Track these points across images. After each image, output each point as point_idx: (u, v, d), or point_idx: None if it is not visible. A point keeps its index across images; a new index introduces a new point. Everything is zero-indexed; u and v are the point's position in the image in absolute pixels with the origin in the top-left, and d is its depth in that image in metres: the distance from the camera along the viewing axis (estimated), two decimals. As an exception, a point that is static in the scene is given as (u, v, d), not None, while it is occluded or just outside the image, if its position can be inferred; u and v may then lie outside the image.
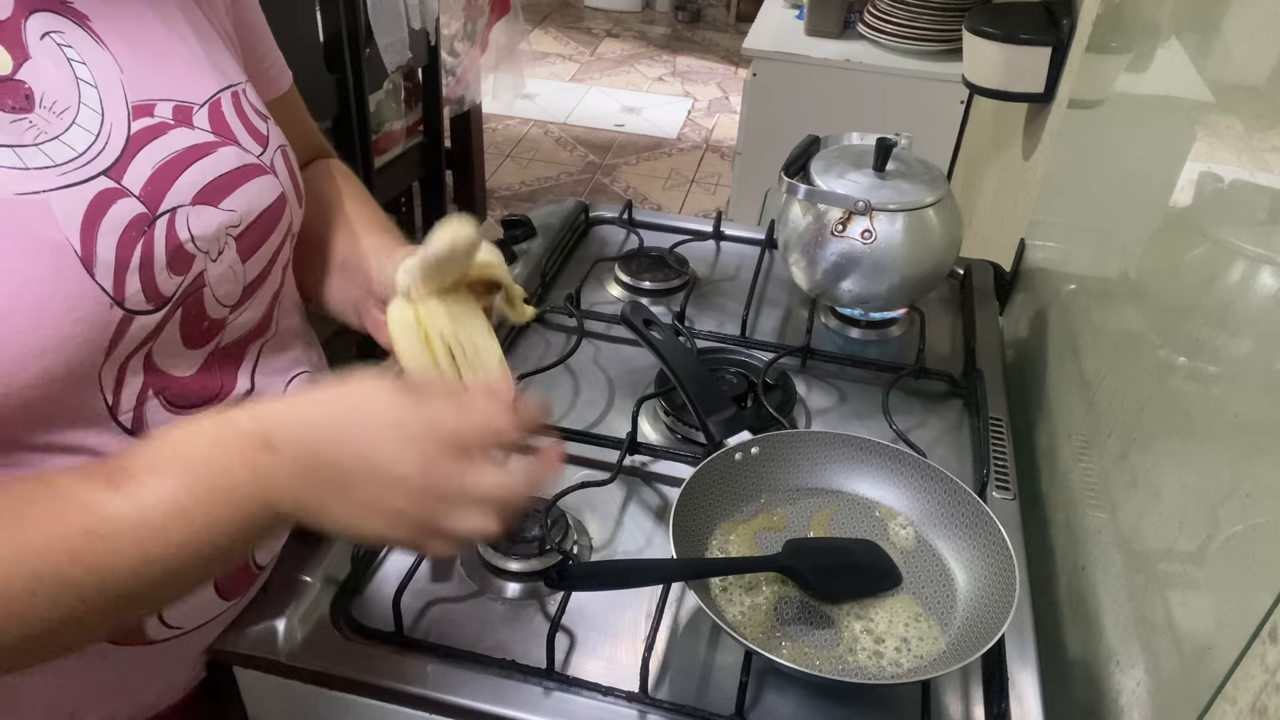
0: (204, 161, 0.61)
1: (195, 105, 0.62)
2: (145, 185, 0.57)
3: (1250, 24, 0.74)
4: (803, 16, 2.29)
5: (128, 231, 0.55)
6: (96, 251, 0.53)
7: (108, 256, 0.54)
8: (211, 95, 0.64)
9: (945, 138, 2.15)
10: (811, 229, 1.01)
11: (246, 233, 0.64)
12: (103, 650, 0.62)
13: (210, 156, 0.61)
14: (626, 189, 3.53)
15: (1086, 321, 0.96)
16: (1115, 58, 1.11)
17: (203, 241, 0.60)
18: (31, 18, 0.55)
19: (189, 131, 0.61)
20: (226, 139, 0.63)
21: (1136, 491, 0.75)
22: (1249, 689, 0.52)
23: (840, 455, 0.83)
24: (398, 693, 0.68)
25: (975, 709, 0.70)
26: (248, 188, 0.63)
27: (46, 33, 0.55)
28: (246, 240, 0.64)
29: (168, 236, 0.57)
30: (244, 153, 0.64)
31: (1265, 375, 0.59)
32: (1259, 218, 0.65)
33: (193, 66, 0.63)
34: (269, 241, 0.66)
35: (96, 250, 0.53)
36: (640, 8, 5.16)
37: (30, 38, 0.54)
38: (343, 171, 0.85)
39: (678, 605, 0.75)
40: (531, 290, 1.10)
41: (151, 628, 0.64)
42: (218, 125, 0.63)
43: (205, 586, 0.66)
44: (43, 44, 0.55)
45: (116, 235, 0.54)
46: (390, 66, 2.28)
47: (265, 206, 0.65)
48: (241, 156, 0.64)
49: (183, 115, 0.61)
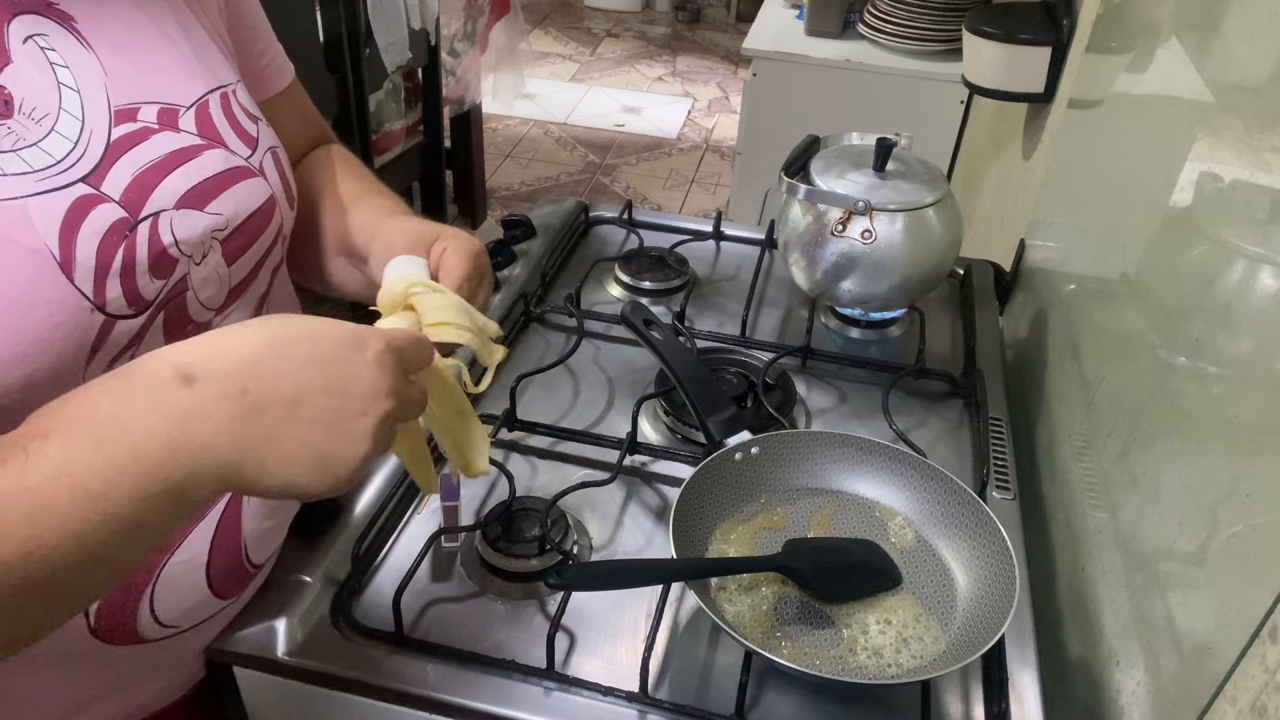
0: (189, 165, 0.60)
1: (182, 108, 0.62)
2: (126, 191, 0.56)
3: (1250, 24, 0.74)
4: (803, 16, 2.29)
5: (108, 237, 0.54)
6: (76, 256, 0.52)
7: (88, 261, 0.53)
8: (199, 97, 0.63)
9: (945, 138, 2.15)
10: (811, 229, 1.01)
11: (233, 236, 0.63)
12: (97, 649, 0.62)
13: (195, 160, 0.61)
14: (626, 189, 3.53)
15: (1086, 321, 0.96)
16: (1115, 58, 1.11)
17: (186, 246, 0.59)
18: (15, 21, 0.55)
19: (174, 135, 0.60)
20: (213, 142, 0.63)
21: (1136, 491, 0.75)
22: (1249, 689, 0.52)
23: (840, 455, 0.83)
24: (398, 693, 0.68)
25: (975, 709, 0.70)
26: (235, 191, 0.63)
27: (30, 36, 0.55)
28: (233, 244, 0.63)
29: (150, 241, 0.57)
30: (231, 155, 0.63)
31: (1265, 375, 0.59)
32: (1259, 218, 0.65)
33: (181, 68, 0.63)
34: (256, 244, 0.66)
35: (76, 255, 0.52)
36: (640, 8, 5.16)
37: (13, 41, 0.54)
38: (341, 153, 0.84)
39: (678, 605, 0.75)
40: (531, 290, 1.10)
41: (146, 626, 0.63)
42: (204, 128, 0.62)
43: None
44: (25, 48, 0.54)
45: (96, 241, 0.54)
46: (390, 66, 2.29)
47: (254, 210, 0.64)
48: (229, 159, 0.63)
49: (168, 118, 0.60)
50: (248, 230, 0.64)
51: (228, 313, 0.65)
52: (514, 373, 0.94)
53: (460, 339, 0.62)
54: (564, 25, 5.01)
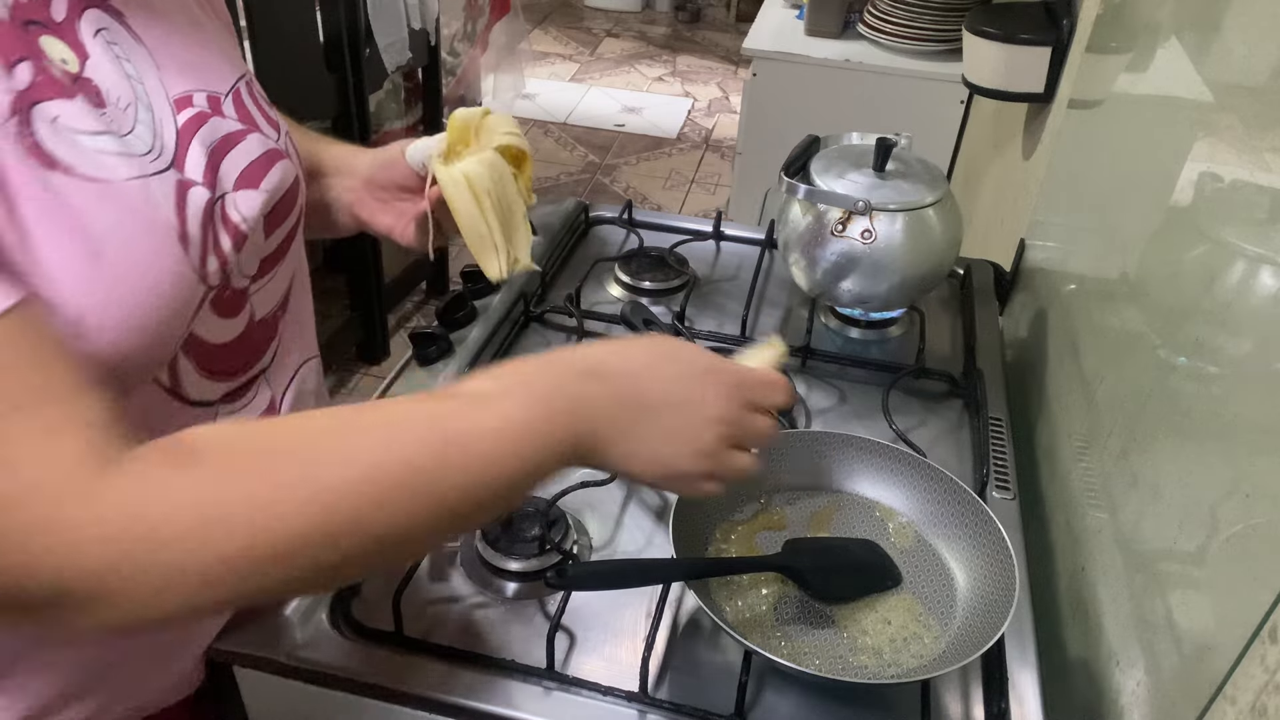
0: (238, 149, 0.64)
1: (222, 95, 0.65)
2: (204, 174, 0.60)
3: (1250, 24, 0.74)
4: (803, 16, 2.29)
5: (205, 215, 0.59)
6: (188, 232, 0.57)
7: (195, 237, 0.58)
8: (232, 85, 0.67)
9: (945, 138, 2.15)
10: (811, 229, 1.01)
11: (273, 212, 0.67)
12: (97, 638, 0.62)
13: (242, 144, 0.65)
14: (626, 189, 3.53)
15: (1086, 321, 0.96)
16: (1115, 58, 1.11)
17: (249, 222, 0.63)
18: (84, 16, 0.56)
19: (222, 121, 0.64)
20: (251, 126, 0.67)
21: (1136, 491, 0.75)
22: (1249, 689, 0.52)
23: (840, 455, 0.83)
24: (398, 693, 0.68)
25: (975, 709, 0.70)
26: (274, 171, 0.67)
27: (98, 30, 0.57)
28: (271, 219, 0.67)
29: (225, 218, 0.61)
30: (265, 138, 0.67)
31: (1265, 375, 0.59)
32: (1259, 218, 0.65)
33: (216, 57, 0.66)
34: (288, 220, 0.70)
35: (188, 230, 0.57)
36: (640, 8, 5.16)
37: (85, 36, 0.56)
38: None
39: (678, 605, 0.75)
40: (531, 290, 1.10)
41: None
42: (242, 114, 0.66)
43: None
44: (96, 41, 0.56)
45: (199, 219, 0.58)
46: (390, 66, 2.28)
47: (287, 188, 0.69)
48: (265, 142, 0.67)
49: (214, 105, 0.64)
50: (283, 207, 0.69)
51: (262, 281, 0.68)
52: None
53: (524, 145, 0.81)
54: (564, 25, 5.01)
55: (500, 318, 1.04)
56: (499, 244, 0.80)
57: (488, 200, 0.78)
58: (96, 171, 0.52)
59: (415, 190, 0.82)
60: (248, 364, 0.68)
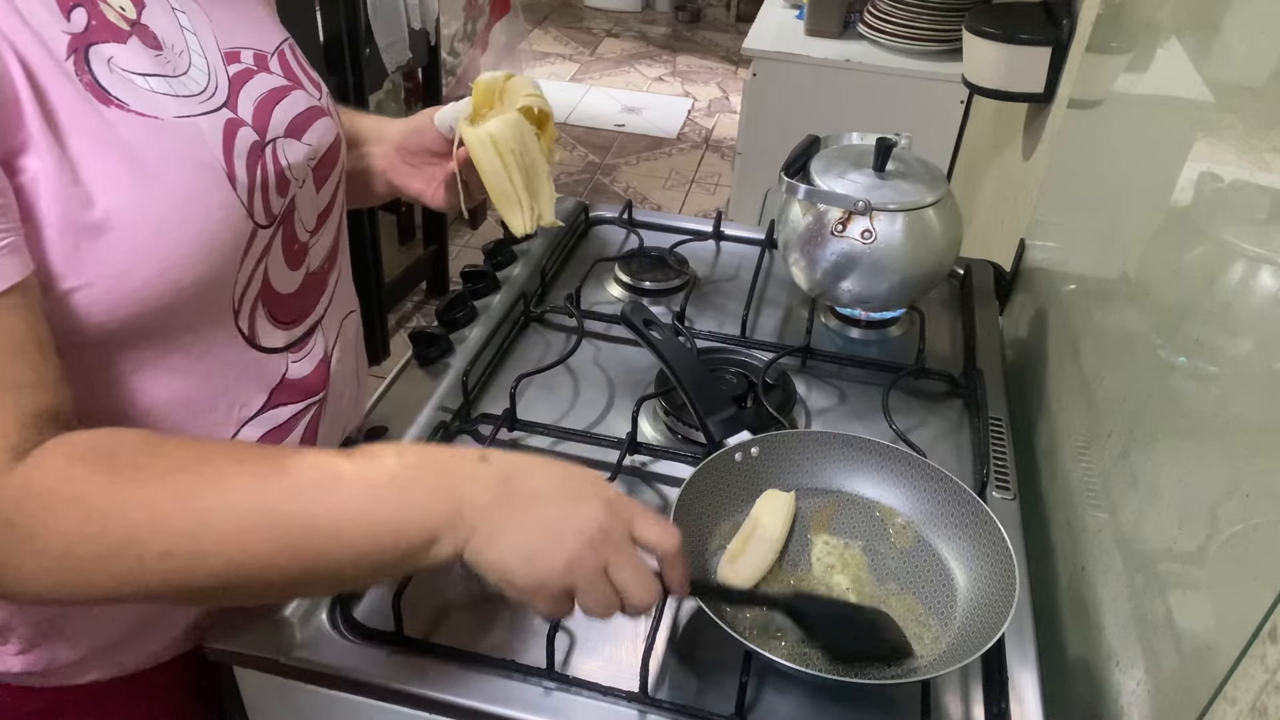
0: (284, 102, 0.68)
1: (268, 53, 0.70)
2: (254, 118, 0.65)
3: (1250, 24, 0.74)
4: (803, 16, 2.29)
5: (251, 155, 0.63)
6: (235, 170, 0.61)
7: (241, 176, 0.62)
8: (277, 45, 0.72)
9: (945, 138, 2.15)
10: (811, 229, 1.01)
11: (319, 166, 0.72)
12: None
13: (288, 98, 0.69)
14: (626, 189, 3.53)
15: (1086, 321, 0.96)
16: (1115, 58, 1.11)
17: (296, 169, 0.68)
18: None
19: (269, 76, 0.68)
20: (295, 84, 0.71)
21: (1136, 491, 0.75)
22: (1249, 689, 0.52)
23: (840, 455, 0.83)
24: (398, 693, 0.68)
25: (975, 709, 0.70)
26: (317, 126, 0.71)
27: None
28: (319, 173, 0.72)
29: (274, 162, 0.65)
30: (309, 96, 0.72)
31: (1265, 375, 0.59)
32: (1259, 218, 0.65)
33: (262, 18, 0.72)
34: (333, 175, 0.75)
35: (235, 169, 0.61)
36: (640, 8, 5.16)
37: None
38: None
39: (678, 605, 0.75)
40: (531, 290, 1.10)
41: None
42: (287, 72, 0.71)
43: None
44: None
45: (245, 159, 0.63)
46: (390, 66, 2.28)
47: (330, 144, 0.73)
48: (308, 99, 0.71)
49: (261, 62, 0.69)
50: (328, 162, 0.73)
51: (318, 235, 0.73)
52: (514, 373, 0.94)
53: (547, 106, 0.84)
54: (564, 25, 5.02)
55: (500, 318, 1.04)
56: (523, 200, 0.83)
57: (511, 158, 0.81)
58: (149, 109, 0.57)
59: (445, 155, 0.86)
60: (305, 313, 0.73)
